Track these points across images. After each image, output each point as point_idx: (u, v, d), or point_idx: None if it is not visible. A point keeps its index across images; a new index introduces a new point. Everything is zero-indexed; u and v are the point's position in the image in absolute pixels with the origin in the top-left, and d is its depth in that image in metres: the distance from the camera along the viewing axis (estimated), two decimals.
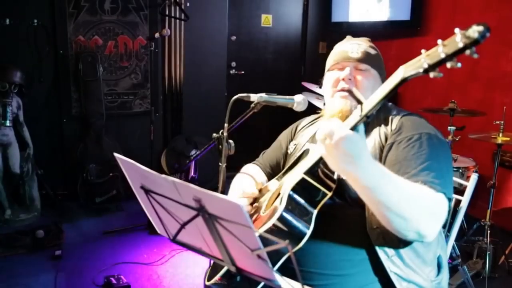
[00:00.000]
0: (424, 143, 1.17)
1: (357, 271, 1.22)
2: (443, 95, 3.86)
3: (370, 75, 1.35)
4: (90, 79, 3.75)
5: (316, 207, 1.20)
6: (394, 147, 1.21)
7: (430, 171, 1.11)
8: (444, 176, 1.13)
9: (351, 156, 0.92)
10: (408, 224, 1.03)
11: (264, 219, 1.23)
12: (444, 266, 1.33)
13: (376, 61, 1.37)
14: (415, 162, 1.13)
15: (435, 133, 1.23)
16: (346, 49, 1.38)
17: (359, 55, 1.35)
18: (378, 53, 1.40)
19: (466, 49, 0.74)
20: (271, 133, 1.75)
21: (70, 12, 3.69)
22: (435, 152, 1.17)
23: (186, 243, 1.09)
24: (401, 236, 1.07)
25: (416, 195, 1.05)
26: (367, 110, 0.92)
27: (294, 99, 1.39)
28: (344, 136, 0.91)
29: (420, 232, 1.04)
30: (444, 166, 1.16)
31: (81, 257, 2.88)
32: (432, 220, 1.06)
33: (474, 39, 0.73)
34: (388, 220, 1.04)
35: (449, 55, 0.76)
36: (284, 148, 1.62)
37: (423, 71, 0.80)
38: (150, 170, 0.94)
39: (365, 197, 1.04)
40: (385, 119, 1.31)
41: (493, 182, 2.74)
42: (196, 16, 4.12)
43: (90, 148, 3.75)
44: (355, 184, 1.01)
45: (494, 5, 3.52)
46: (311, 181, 1.22)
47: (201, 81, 4.33)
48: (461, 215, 1.60)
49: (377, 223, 1.15)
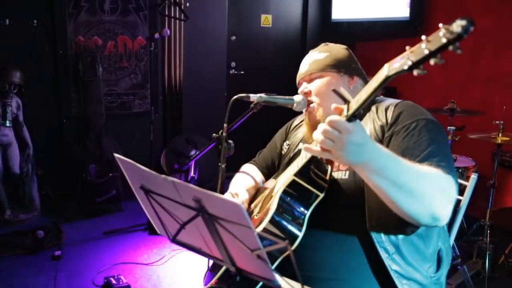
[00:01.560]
0: (423, 130, 1.18)
1: (354, 275, 1.21)
2: (443, 95, 3.86)
3: (324, 78, 1.38)
4: (90, 79, 3.74)
5: (309, 209, 1.20)
6: (394, 138, 1.21)
7: (434, 156, 1.11)
8: (448, 159, 1.14)
9: (358, 145, 0.93)
10: (421, 205, 1.02)
11: (256, 222, 1.23)
12: (444, 259, 1.32)
13: (326, 62, 1.39)
14: (417, 150, 1.14)
15: (431, 118, 1.24)
16: (300, 67, 1.46)
17: (306, 68, 1.42)
18: (328, 54, 1.41)
19: (450, 45, 0.73)
20: (270, 133, 1.75)
21: (70, 12, 3.69)
22: (435, 137, 1.17)
23: (186, 243, 1.09)
24: (414, 222, 1.06)
25: (426, 173, 1.05)
26: (354, 109, 0.92)
27: (294, 99, 1.39)
28: (350, 130, 0.91)
29: (435, 213, 1.03)
30: (445, 149, 1.17)
31: (80, 258, 2.88)
32: (445, 199, 1.05)
33: (458, 34, 0.71)
34: (401, 204, 1.02)
35: (433, 52, 0.75)
36: (279, 148, 1.62)
37: (408, 68, 0.80)
38: (149, 170, 0.94)
39: (375, 183, 1.01)
40: (377, 112, 1.31)
41: (492, 182, 2.74)
42: (196, 16, 4.12)
43: (90, 148, 3.75)
44: (365, 171, 1.00)
45: (494, 5, 3.52)
46: (302, 183, 1.21)
47: (201, 81, 4.33)
48: (461, 215, 1.60)
49: (377, 220, 1.15)
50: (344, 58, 1.41)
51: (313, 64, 1.40)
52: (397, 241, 1.19)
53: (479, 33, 3.38)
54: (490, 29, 3.49)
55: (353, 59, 1.44)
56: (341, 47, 1.45)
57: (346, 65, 1.40)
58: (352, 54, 1.45)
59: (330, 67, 1.38)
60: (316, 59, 1.41)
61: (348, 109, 0.93)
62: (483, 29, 3.45)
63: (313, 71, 1.39)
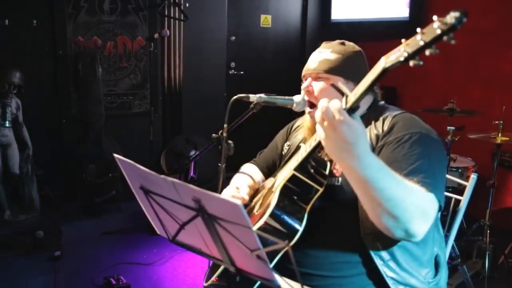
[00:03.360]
0: (415, 143, 1.15)
1: (356, 273, 1.22)
2: (443, 95, 3.86)
3: (329, 82, 1.30)
4: (90, 80, 3.74)
5: (308, 203, 1.20)
6: (384, 148, 1.19)
7: (420, 172, 1.09)
8: (436, 177, 1.11)
9: (348, 143, 0.91)
10: (398, 221, 1.01)
11: (257, 217, 1.23)
12: (442, 265, 1.32)
13: (336, 66, 1.33)
14: (405, 163, 1.12)
15: (427, 132, 1.21)
16: (309, 60, 1.40)
17: (315, 65, 1.36)
18: (341, 56, 1.34)
19: (444, 36, 0.74)
20: (270, 134, 1.75)
21: (70, 13, 3.69)
22: (426, 152, 1.14)
23: (185, 243, 1.09)
24: (388, 233, 1.06)
25: (411, 191, 1.03)
26: (352, 102, 0.91)
27: (294, 99, 1.38)
28: (344, 120, 0.90)
29: (408, 231, 1.02)
30: (436, 166, 1.14)
31: (80, 258, 2.88)
32: (422, 219, 1.04)
33: (451, 25, 0.73)
34: (378, 215, 1.02)
35: (428, 43, 0.76)
36: (280, 148, 1.62)
37: (404, 59, 0.80)
38: (149, 171, 0.94)
39: (358, 189, 1.01)
40: (376, 120, 1.28)
41: (492, 182, 2.74)
42: (195, 16, 4.12)
43: (89, 148, 3.75)
44: (349, 174, 0.99)
45: (494, 5, 3.52)
46: (302, 178, 1.21)
47: (201, 82, 4.33)
48: (461, 215, 1.60)
49: (370, 228, 1.13)
50: (355, 63, 1.36)
51: (323, 64, 1.35)
52: (392, 248, 1.18)
53: (479, 33, 3.38)
54: (490, 29, 3.49)
55: (364, 64, 1.39)
56: (355, 50, 1.39)
57: (354, 71, 1.33)
58: (364, 58, 1.40)
59: (338, 72, 1.33)
60: (327, 58, 1.35)
61: (347, 102, 0.92)
62: (483, 29, 3.45)
63: (321, 71, 1.34)
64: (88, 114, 3.76)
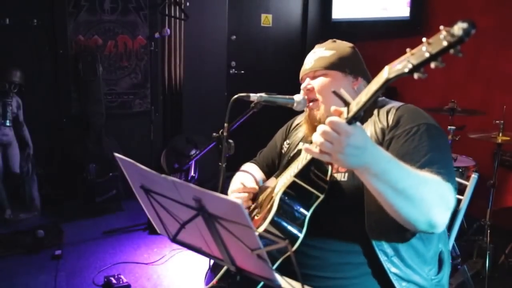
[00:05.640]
0: (423, 135, 1.16)
1: (358, 274, 1.21)
2: (443, 94, 3.86)
3: (328, 77, 1.36)
4: (90, 79, 3.74)
5: (309, 210, 1.19)
6: (394, 142, 1.19)
7: (434, 163, 1.10)
8: (448, 167, 1.12)
9: (358, 149, 0.92)
10: (419, 211, 1.01)
11: (257, 223, 1.23)
12: (446, 262, 1.31)
13: (332, 61, 1.36)
14: (417, 155, 1.12)
15: (433, 123, 1.22)
16: (304, 62, 1.43)
17: (311, 64, 1.39)
18: (335, 52, 1.38)
19: (451, 48, 0.72)
20: (270, 133, 1.75)
21: (70, 12, 3.68)
22: (436, 143, 1.16)
23: (186, 242, 1.09)
24: (411, 227, 1.05)
25: (426, 179, 1.03)
26: (354, 112, 0.91)
27: (294, 98, 1.39)
28: (349, 133, 0.90)
29: (432, 220, 1.02)
30: (446, 156, 1.16)
31: (81, 257, 2.88)
32: (443, 207, 1.04)
33: (459, 37, 0.70)
34: (399, 209, 1.01)
35: (433, 55, 0.74)
36: (279, 147, 1.62)
37: (408, 71, 0.79)
38: (150, 170, 0.94)
39: (375, 187, 1.00)
40: (379, 114, 1.29)
41: (493, 181, 2.74)
42: (196, 15, 4.12)
43: (90, 147, 3.75)
44: (365, 174, 0.99)
45: (494, 5, 3.52)
46: (303, 184, 1.21)
47: (201, 81, 4.32)
48: (461, 214, 1.60)
49: (376, 222, 1.14)
50: (350, 58, 1.39)
51: (318, 61, 1.38)
52: (397, 244, 1.18)
53: (479, 33, 3.35)
54: (490, 29, 3.48)
55: (359, 59, 1.42)
56: (348, 46, 1.43)
57: (351, 65, 1.37)
58: (358, 54, 1.43)
59: (335, 66, 1.36)
60: (322, 56, 1.38)
61: (348, 112, 0.92)
62: (483, 29, 3.43)
63: (318, 68, 1.37)
64: (89, 113, 3.77)
